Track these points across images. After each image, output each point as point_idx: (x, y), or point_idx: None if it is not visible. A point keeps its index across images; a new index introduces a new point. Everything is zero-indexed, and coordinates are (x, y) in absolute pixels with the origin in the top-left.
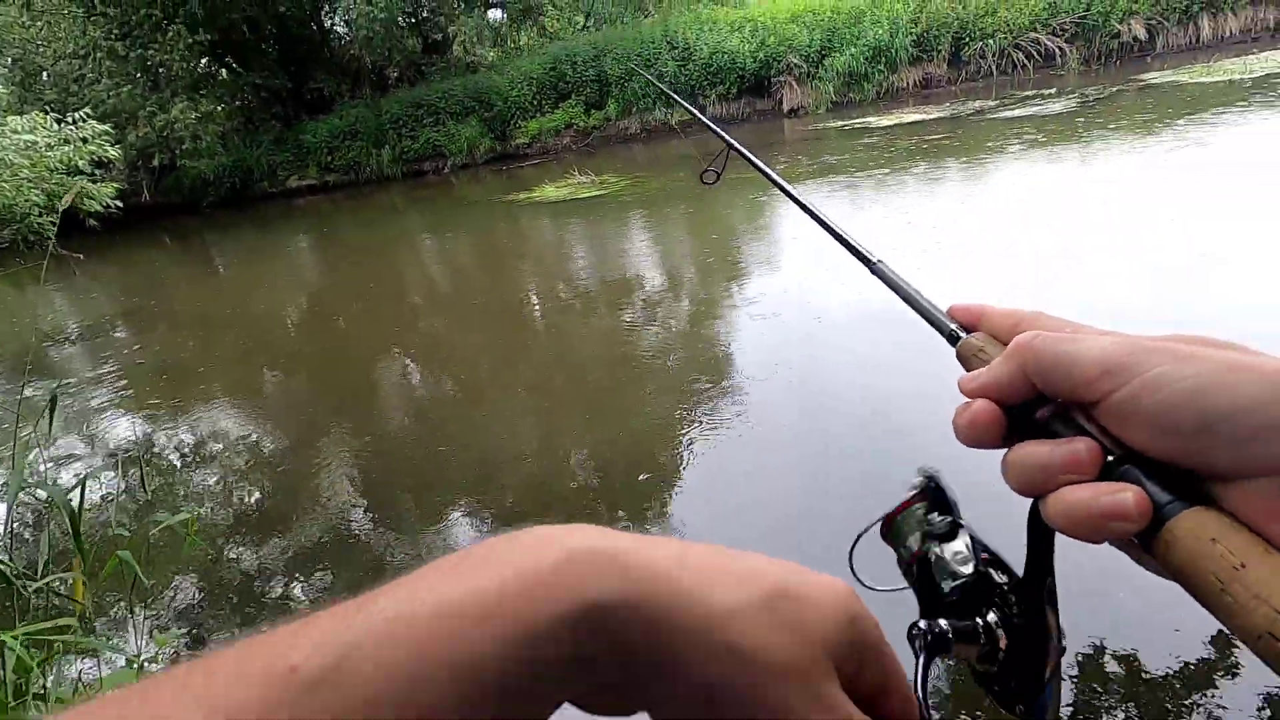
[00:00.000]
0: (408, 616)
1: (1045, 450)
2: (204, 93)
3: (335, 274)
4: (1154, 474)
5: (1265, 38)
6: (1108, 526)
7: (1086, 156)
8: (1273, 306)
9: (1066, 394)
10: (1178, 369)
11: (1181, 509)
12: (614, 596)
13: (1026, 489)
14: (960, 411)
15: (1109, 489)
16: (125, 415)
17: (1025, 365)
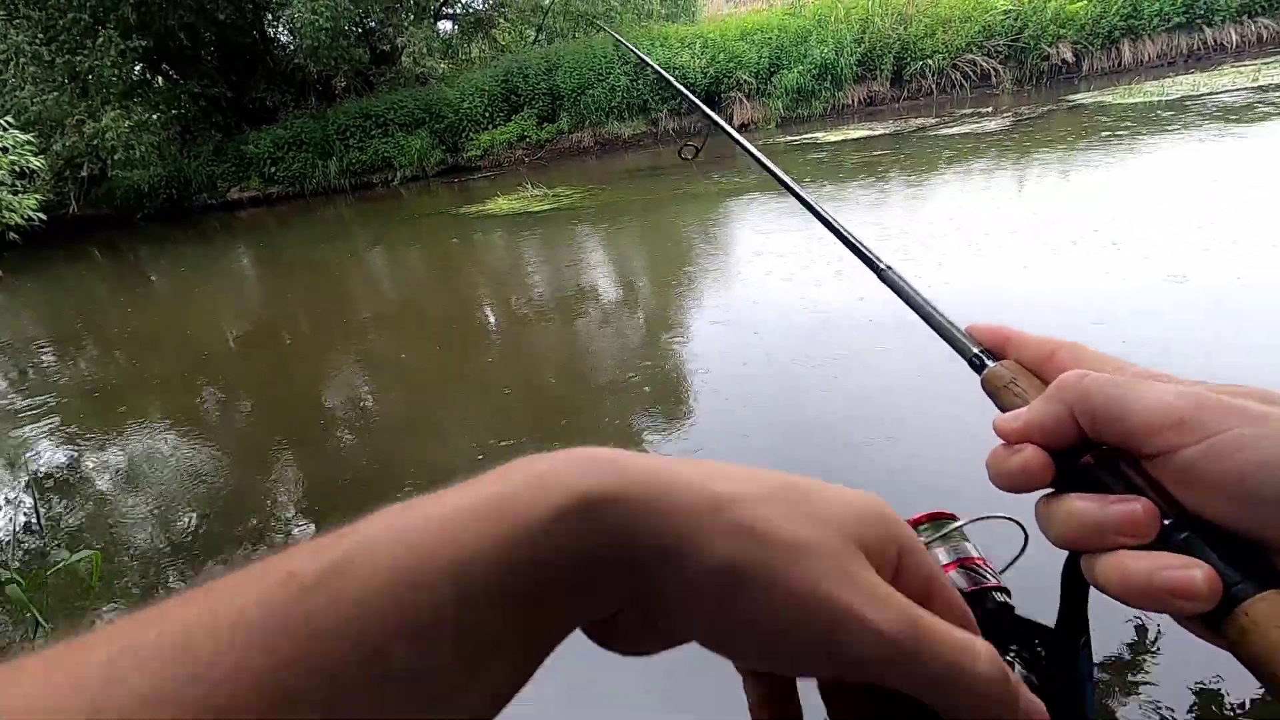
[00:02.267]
0: (405, 523)
1: (1095, 507)
2: (138, 100)
3: (280, 289)
4: (1222, 547)
5: (1180, 62)
6: (1171, 603)
7: (1020, 170)
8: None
9: (1119, 442)
10: (1258, 431)
11: (1255, 590)
12: (610, 488)
13: (1070, 545)
14: (1003, 456)
15: (1175, 562)
16: (44, 442)
17: (1074, 406)
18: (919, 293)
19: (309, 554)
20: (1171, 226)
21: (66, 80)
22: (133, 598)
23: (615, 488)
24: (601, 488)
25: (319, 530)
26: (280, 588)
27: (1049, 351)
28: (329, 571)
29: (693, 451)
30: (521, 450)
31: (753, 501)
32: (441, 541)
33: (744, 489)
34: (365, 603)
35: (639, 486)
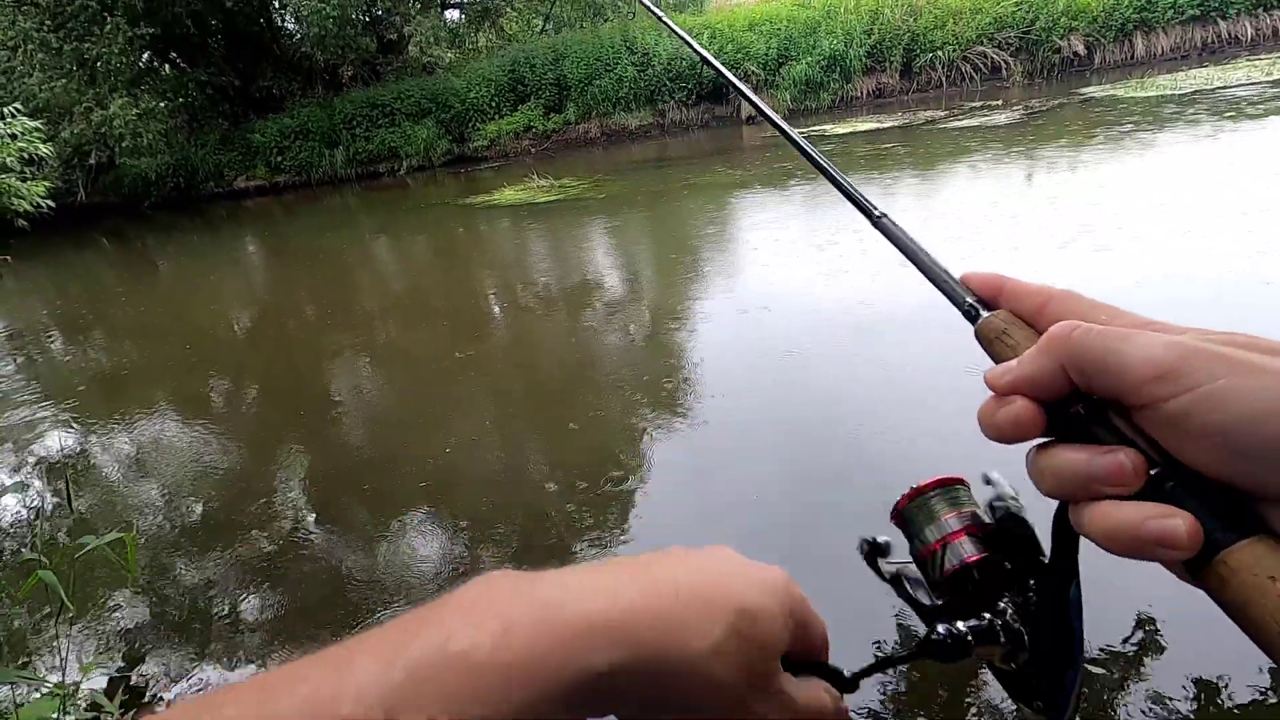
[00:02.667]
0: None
1: (1084, 458)
2: (145, 88)
3: (286, 278)
4: (1206, 497)
5: (1193, 55)
6: (1154, 551)
7: (1030, 164)
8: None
9: (1110, 394)
10: (1246, 383)
11: (1237, 539)
12: (619, 663)
13: (1058, 494)
14: (993, 408)
15: (1158, 511)
16: (55, 427)
17: (1064, 360)
18: (913, 240)
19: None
20: (1162, 221)
21: (74, 67)
22: (137, 584)
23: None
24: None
25: (321, 517)
26: None
27: (1043, 301)
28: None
29: (699, 440)
30: (520, 443)
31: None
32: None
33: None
34: None
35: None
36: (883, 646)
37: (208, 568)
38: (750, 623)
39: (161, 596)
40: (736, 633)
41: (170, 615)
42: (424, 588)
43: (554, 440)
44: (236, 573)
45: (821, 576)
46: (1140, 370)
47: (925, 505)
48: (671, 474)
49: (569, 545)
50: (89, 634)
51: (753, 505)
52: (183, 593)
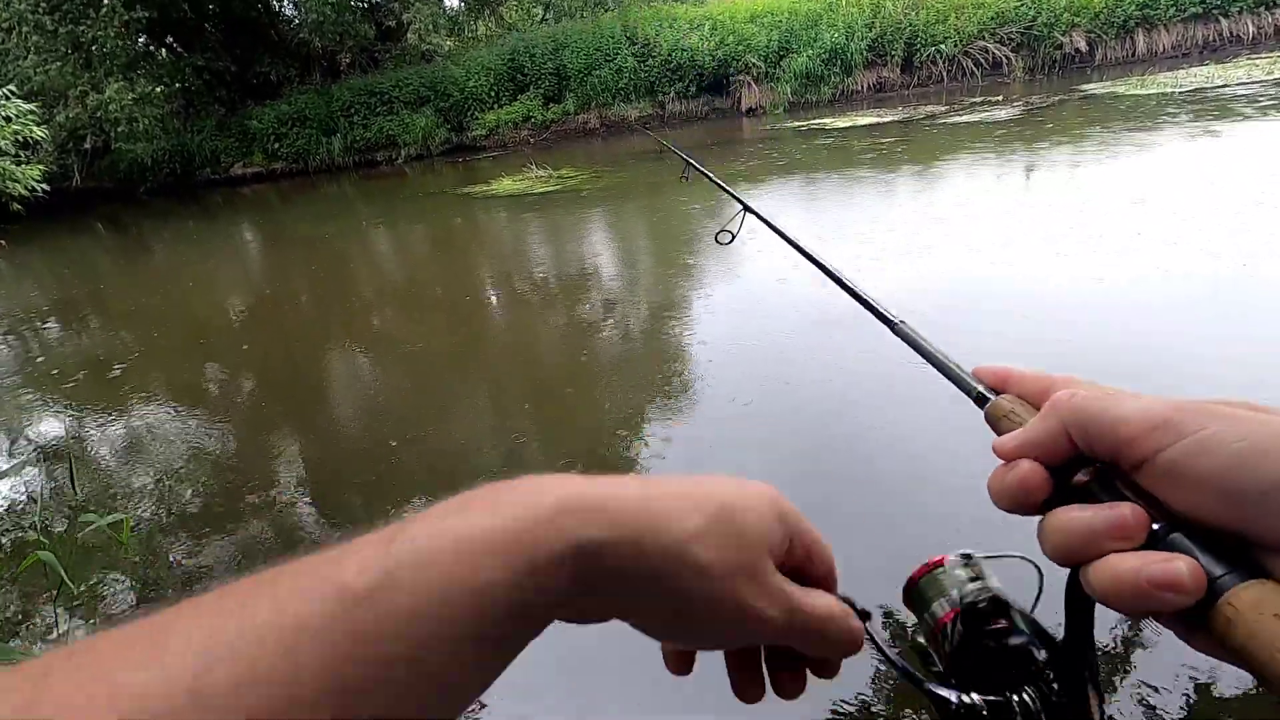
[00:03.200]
0: (436, 547)
1: (1087, 515)
2: (141, 73)
3: (282, 266)
4: (1205, 542)
5: (1195, 53)
6: (1158, 598)
7: (1031, 163)
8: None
9: (1109, 454)
10: (1230, 430)
11: (1239, 581)
12: (601, 537)
13: (1066, 557)
14: (1001, 474)
15: (1159, 558)
16: (51, 411)
17: (1066, 422)
18: (928, 341)
19: (357, 567)
20: (1147, 223)
21: (69, 51)
22: (134, 567)
23: (605, 538)
24: (595, 538)
25: (321, 505)
26: (336, 597)
27: (1045, 385)
28: (375, 587)
29: (694, 430)
30: (519, 431)
31: (704, 537)
32: (467, 568)
33: (696, 524)
34: (406, 617)
35: (622, 536)
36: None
37: (205, 552)
38: (729, 514)
39: (158, 579)
40: (716, 520)
41: (167, 596)
42: None
43: (552, 427)
44: (233, 557)
45: None
46: (1136, 424)
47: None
48: (668, 462)
49: None
50: (88, 615)
51: None
52: (179, 575)
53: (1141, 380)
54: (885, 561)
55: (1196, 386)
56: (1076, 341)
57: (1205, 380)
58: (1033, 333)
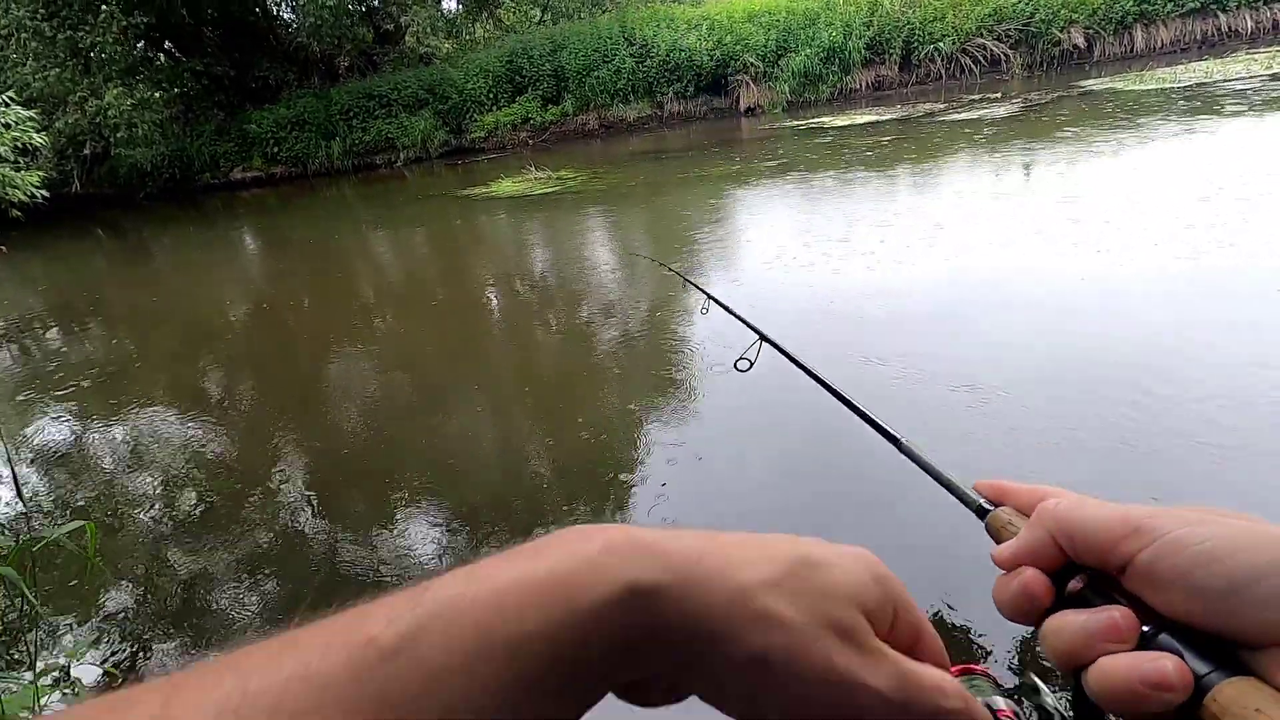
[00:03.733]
0: (470, 597)
1: (1081, 619)
2: (140, 78)
3: (282, 270)
4: (1190, 642)
5: (1194, 48)
6: (1151, 697)
7: (1028, 161)
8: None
9: (1095, 559)
10: (1199, 530)
11: (1222, 678)
12: (651, 579)
13: (1066, 661)
14: (1005, 583)
15: (1148, 658)
16: (51, 417)
17: (1051, 530)
18: (931, 461)
19: (385, 619)
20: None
21: (68, 57)
22: (136, 577)
23: (656, 581)
24: (646, 580)
25: (326, 507)
26: (362, 651)
27: (1039, 496)
28: (405, 640)
29: (697, 428)
30: (519, 432)
31: (775, 587)
32: (503, 620)
33: (765, 572)
34: (435, 675)
35: (676, 578)
36: None
37: (199, 558)
38: (810, 565)
39: (148, 585)
40: (792, 571)
41: (153, 604)
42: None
43: (554, 429)
44: (229, 562)
45: None
46: (1114, 528)
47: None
48: (669, 461)
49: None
50: (83, 625)
51: (748, 493)
52: (171, 582)
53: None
54: None
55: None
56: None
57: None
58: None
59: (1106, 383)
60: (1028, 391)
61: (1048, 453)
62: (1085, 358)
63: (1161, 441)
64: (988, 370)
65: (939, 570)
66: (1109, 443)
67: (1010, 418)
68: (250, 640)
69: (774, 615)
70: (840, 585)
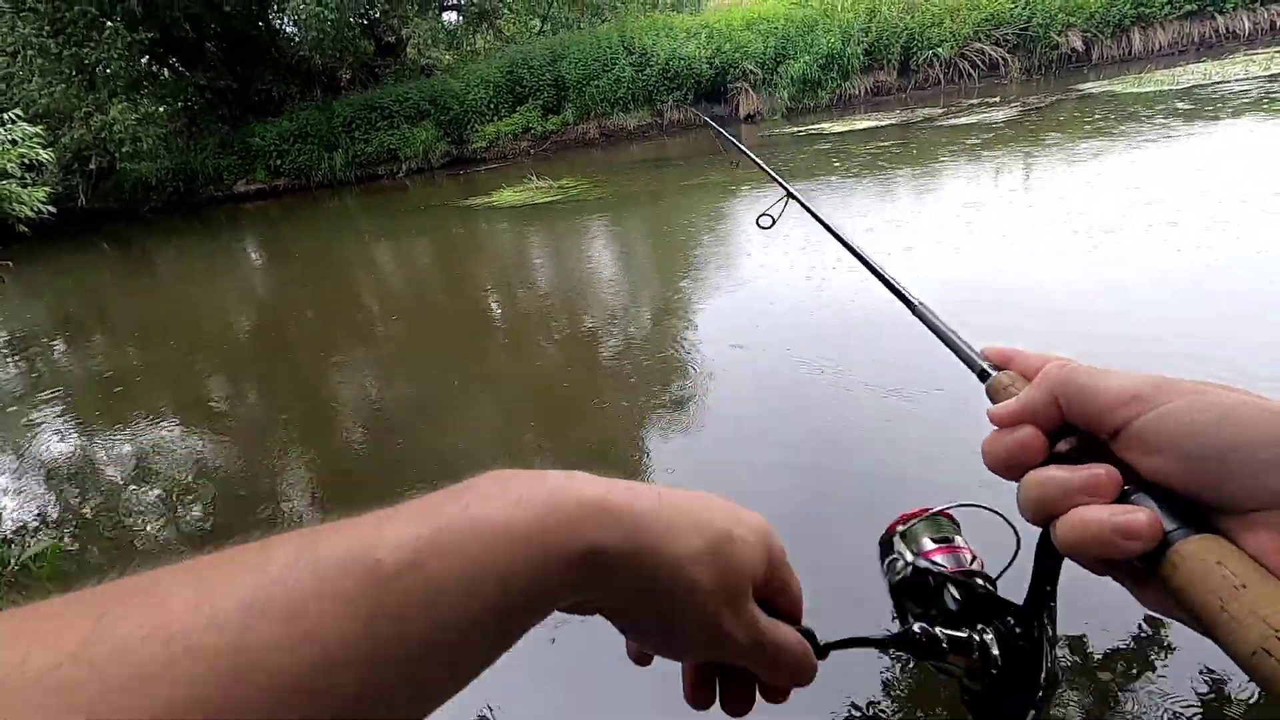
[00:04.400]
0: (467, 532)
1: (1065, 473)
2: (145, 93)
3: (286, 281)
4: (1166, 500)
5: (1192, 51)
6: (1117, 544)
7: (1027, 164)
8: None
9: (1092, 421)
10: (1197, 401)
11: (1189, 534)
12: (612, 544)
13: (1041, 512)
14: (997, 438)
15: (1122, 509)
16: (58, 430)
17: (1054, 390)
18: (946, 324)
19: (392, 543)
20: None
21: (74, 73)
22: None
23: (612, 545)
24: (604, 543)
25: (328, 516)
26: (371, 572)
27: (1043, 363)
28: (408, 566)
29: (701, 437)
30: (520, 439)
31: (701, 561)
32: (492, 557)
33: (695, 546)
34: (436, 597)
35: (629, 546)
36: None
37: None
38: (726, 542)
39: None
40: (713, 548)
41: None
42: None
43: (557, 439)
44: None
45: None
46: (1114, 394)
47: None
48: (672, 466)
49: None
50: None
51: (756, 495)
52: None
53: None
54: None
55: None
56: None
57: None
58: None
59: None
60: None
61: None
62: None
63: None
64: None
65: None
66: None
67: None
68: None
69: (691, 582)
70: (743, 561)
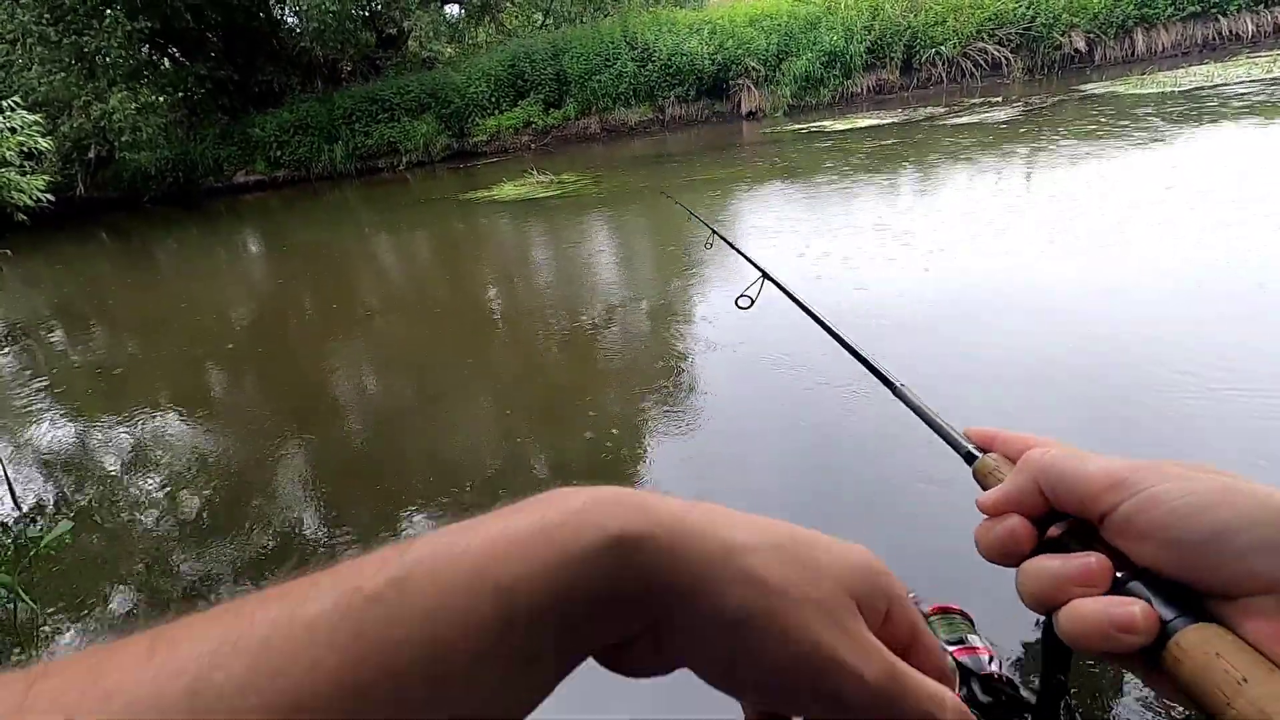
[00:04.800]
0: (461, 545)
1: (1058, 563)
2: (145, 82)
3: (285, 273)
4: (1160, 589)
5: (1194, 52)
6: (1116, 638)
7: (1029, 163)
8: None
9: (1077, 508)
10: (1180, 485)
11: (1186, 624)
12: (636, 529)
13: (1039, 602)
14: (988, 527)
15: (1118, 602)
16: (54, 419)
17: (1037, 478)
18: (928, 407)
19: (374, 568)
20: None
21: (73, 61)
22: (138, 577)
23: (643, 530)
24: (631, 529)
25: (328, 510)
26: (348, 596)
27: (1028, 445)
28: (391, 585)
29: (696, 435)
30: (517, 435)
31: (761, 551)
32: (491, 562)
33: (754, 539)
34: (425, 615)
35: (663, 530)
36: None
37: (202, 562)
38: (798, 544)
39: (153, 587)
40: (778, 544)
41: (151, 604)
42: None
43: (556, 434)
44: (231, 565)
45: None
46: (1097, 481)
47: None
48: (672, 464)
49: None
50: (81, 628)
51: (752, 494)
52: (173, 583)
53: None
54: None
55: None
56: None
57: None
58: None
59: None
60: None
61: None
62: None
63: None
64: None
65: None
66: None
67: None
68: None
69: (758, 576)
70: (829, 565)
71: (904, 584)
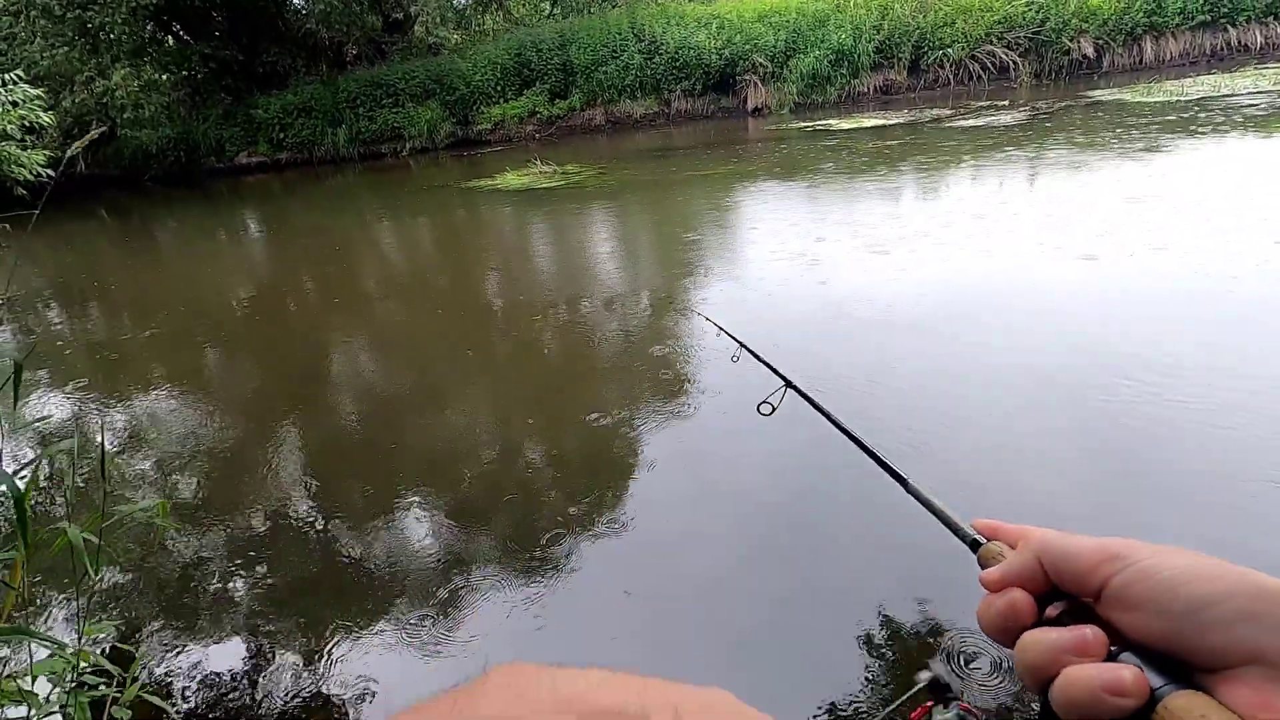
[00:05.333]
0: None
1: (1054, 635)
2: (148, 59)
3: (285, 256)
4: (1151, 658)
5: (1202, 62)
6: (1107, 701)
7: (1033, 169)
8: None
9: (1075, 583)
10: (1166, 560)
11: (1174, 690)
12: None
13: (1035, 675)
14: (990, 602)
15: (1109, 667)
16: (55, 396)
17: (1037, 554)
18: (936, 500)
19: None
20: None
21: (76, 36)
22: (133, 555)
23: None
24: None
25: (325, 487)
26: None
27: (1025, 535)
28: None
29: (694, 428)
30: (519, 428)
31: None
32: None
33: None
34: None
35: None
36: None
37: (203, 544)
38: None
39: (161, 572)
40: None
41: (168, 590)
42: (420, 571)
43: (553, 424)
44: (230, 549)
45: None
46: (1095, 554)
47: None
48: (671, 460)
49: (565, 531)
50: (99, 599)
51: (747, 492)
52: (180, 568)
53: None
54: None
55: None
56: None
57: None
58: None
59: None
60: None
61: None
62: None
63: None
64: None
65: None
66: None
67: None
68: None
69: None
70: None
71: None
